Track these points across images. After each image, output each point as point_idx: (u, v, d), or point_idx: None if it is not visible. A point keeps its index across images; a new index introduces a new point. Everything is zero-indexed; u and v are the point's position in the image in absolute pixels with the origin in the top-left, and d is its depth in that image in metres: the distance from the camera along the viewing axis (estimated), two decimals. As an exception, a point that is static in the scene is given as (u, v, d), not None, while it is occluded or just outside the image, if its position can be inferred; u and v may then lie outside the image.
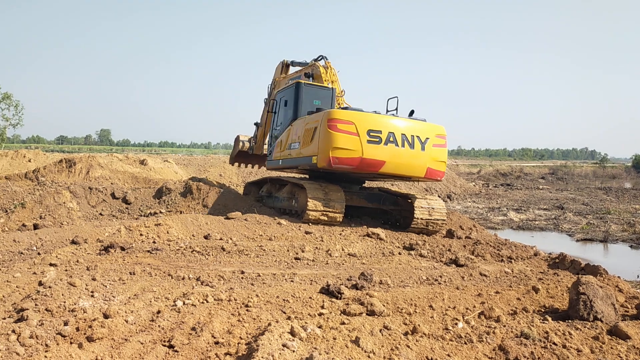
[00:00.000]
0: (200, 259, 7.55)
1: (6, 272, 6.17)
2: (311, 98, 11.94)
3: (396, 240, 9.96)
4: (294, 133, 11.51)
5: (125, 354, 4.11)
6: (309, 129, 10.76)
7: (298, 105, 11.83)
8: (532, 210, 20.11)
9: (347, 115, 10.15)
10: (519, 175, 40.14)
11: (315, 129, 10.43)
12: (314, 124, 10.62)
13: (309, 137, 10.65)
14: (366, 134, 10.12)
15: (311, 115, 11.07)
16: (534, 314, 5.62)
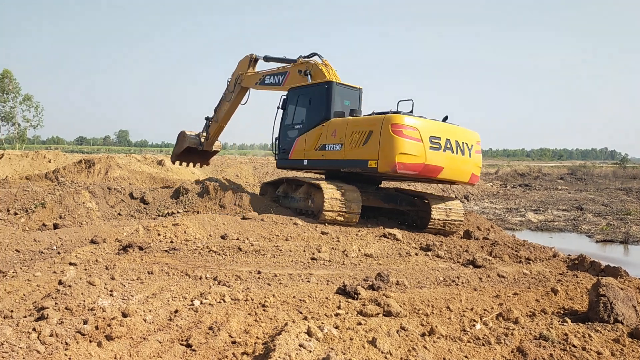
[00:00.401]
0: (217, 259, 7.59)
1: (27, 271, 6.26)
2: (342, 98, 11.83)
3: (413, 240, 9.92)
4: (330, 134, 11.26)
5: (143, 352, 4.15)
6: (361, 132, 10.60)
7: (330, 105, 11.56)
8: (551, 211, 19.88)
9: (411, 121, 10.24)
10: (537, 176, 39.70)
11: (371, 132, 10.37)
12: (367, 127, 10.51)
13: (361, 140, 10.55)
14: (429, 140, 10.27)
15: (360, 118, 11.00)
16: (552, 315, 5.56)
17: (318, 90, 11.95)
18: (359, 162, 10.65)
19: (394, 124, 10.13)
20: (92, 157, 18.58)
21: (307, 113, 12.21)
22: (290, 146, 12.50)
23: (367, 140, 10.47)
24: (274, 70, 13.89)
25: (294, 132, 12.52)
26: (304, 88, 12.45)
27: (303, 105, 12.42)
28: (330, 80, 11.69)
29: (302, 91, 12.49)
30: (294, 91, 12.69)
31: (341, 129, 11.11)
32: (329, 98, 11.61)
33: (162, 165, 21.67)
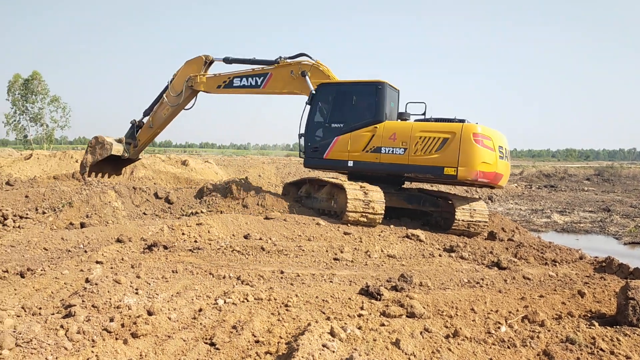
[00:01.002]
0: (240, 259, 7.64)
1: (55, 269, 6.38)
2: (389, 100, 11.68)
3: (436, 241, 9.85)
4: (388, 137, 11.02)
5: (168, 350, 4.20)
6: (432, 138, 10.57)
7: (382, 106, 11.31)
8: (577, 213, 19.55)
9: (486, 130, 10.53)
10: (562, 177, 39.05)
11: (446, 139, 10.43)
12: (440, 134, 10.52)
13: (433, 146, 10.53)
14: (497, 149, 10.63)
15: (428, 123, 10.91)
16: (579, 318, 5.47)
17: (366, 89, 11.58)
18: (430, 168, 10.57)
19: (475, 133, 10.32)
20: (118, 158, 18.83)
21: (351, 112, 11.67)
22: (326, 145, 11.87)
23: (441, 147, 10.48)
24: (247, 72, 13.11)
25: (331, 131, 11.87)
26: (344, 85, 11.91)
27: (343, 104, 11.84)
28: (383, 82, 11.38)
29: (342, 88, 11.92)
30: (328, 87, 12.00)
31: (403, 133, 10.91)
32: (380, 99, 11.31)
33: (185, 166, 21.89)
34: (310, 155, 12.18)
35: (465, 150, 10.27)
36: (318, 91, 12.01)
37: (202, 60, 13.66)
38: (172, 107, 13.87)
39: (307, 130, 12.21)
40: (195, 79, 13.62)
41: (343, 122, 11.68)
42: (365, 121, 11.41)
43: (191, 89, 13.74)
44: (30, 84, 56.42)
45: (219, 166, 27.65)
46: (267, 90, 12.83)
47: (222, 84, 13.43)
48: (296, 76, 12.31)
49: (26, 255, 7.43)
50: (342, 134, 11.63)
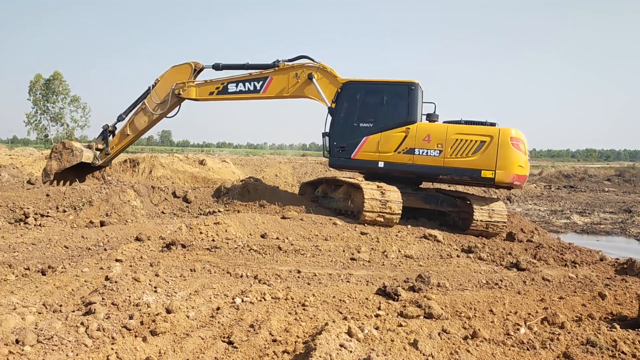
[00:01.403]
0: (257, 258, 7.67)
1: (75, 267, 6.47)
2: (420, 100, 11.59)
3: (454, 242, 9.79)
4: (422, 138, 10.96)
5: (186, 348, 4.23)
6: (468, 141, 10.67)
7: (415, 107, 11.24)
8: (597, 214, 19.28)
9: (519, 134, 10.77)
10: (582, 177, 38.56)
11: (483, 142, 10.59)
12: (477, 137, 10.65)
13: (469, 149, 10.65)
14: (527, 152, 10.92)
15: (464, 126, 10.92)
16: (600, 321, 5.39)
17: (399, 89, 11.42)
18: (467, 170, 10.69)
19: (512, 137, 10.57)
20: (137, 157, 19.04)
21: (381, 112, 11.47)
22: (354, 145, 11.56)
23: (478, 150, 10.62)
24: (244, 76, 12.57)
25: (359, 130, 11.55)
26: (374, 84, 11.70)
27: (373, 103, 11.61)
28: (415, 82, 11.29)
29: (371, 87, 11.71)
30: (355, 85, 11.76)
31: (438, 135, 10.89)
32: (414, 100, 11.23)
33: (203, 165, 22.00)
34: (337, 155, 11.82)
35: (503, 154, 10.51)
36: (344, 89, 11.75)
37: (191, 68, 12.91)
38: (155, 115, 13.03)
39: (333, 129, 11.85)
40: (183, 86, 12.81)
41: (373, 122, 11.45)
42: (397, 121, 11.26)
43: (178, 97, 12.92)
44: (51, 84, 57.20)
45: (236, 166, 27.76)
46: (268, 95, 12.45)
47: (215, 90, 12.79)
48: (302, 79, 12.07)
49: (47, 253, 7.54)
50: (372, 133, 11.40)
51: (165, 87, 12.96)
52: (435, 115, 11.51)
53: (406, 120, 11.20)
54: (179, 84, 12.81)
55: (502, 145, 10.49)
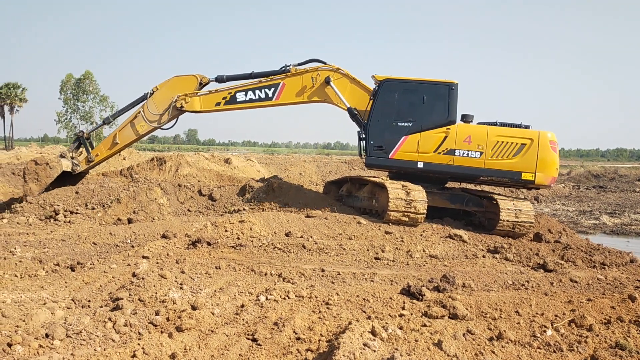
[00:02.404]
0: (281, 256, 7.70)
1: (103, 263, 6.59)
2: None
3: (480, 242, 9.68)
4: (463, 140, 10.97)
5: (211, 345, 4.27)
6: (509, 143, 10.86)
7: (455, 108, 11.22)
8: (628, 214, 18.86)
9: (554, 137, 11.02)
10: (612, 177, 37.70)
11: (523, 145, 10.84)
12: (517, 139, 10.87)
13: (510, 151, 10.86)
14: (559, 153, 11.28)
15: (504, 128, 11.07)
16: (630, 324, 5.27)
17: (439, 89, 11.32)
18: (507, 172, 10.89)
19: (551, 141, 10.89)
20: (164, 155, 19.28)
21: (421, 112, 11.32)
22: (392, 144, 11.33)
23: (518, 152, 10.85)
24: (253, 84, 12.08)
25: (397, 130, 11.33)
26: (413, 83, 11.53)
27: (412, 102, 11.45)
28: (454, 82, 11.23)
29: (411, 86, 11.52)
30: (394, 84, 11.51)
31: (479, 136, 10.96)
32: (453, 100, 11.20)
33: (228, 163, 22.19)
34: (374, 154, 11.51)
35: (543, 157, 10.80)
36: (382, 87, 11.53)
37: (196, 81, 12.26)
38: (151, 125, 12.22)
39: (370, 128, 11.53)
40: (185, 98, 12.07)
41: (412, 121, 11.29)
42: (437, 122, 11.17)
43: (179, 110, 12.20)
44: (82, 83, 58.36)
45: (261, 164, 27.93)
46: (282, 102, 12.07)
47: (222, 100, 12.18)
48: (318, 83, 11.82)
49: (76, 250, 7.69)
50: (411, 133, 11.24)
51: (165, 98, 12.17)
52: (470, 116, 11.40)
53: (446, 120, 11.14)
54: (180, 96, 12.05)
55: (542, 148, 10.78)
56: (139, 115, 12.24)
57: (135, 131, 12.33)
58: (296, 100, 12.14)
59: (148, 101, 12.23)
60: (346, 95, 11.75)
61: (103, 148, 12.52)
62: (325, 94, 11.90)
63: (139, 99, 12.40)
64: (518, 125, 11.19)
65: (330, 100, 11.91)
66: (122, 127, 12.43)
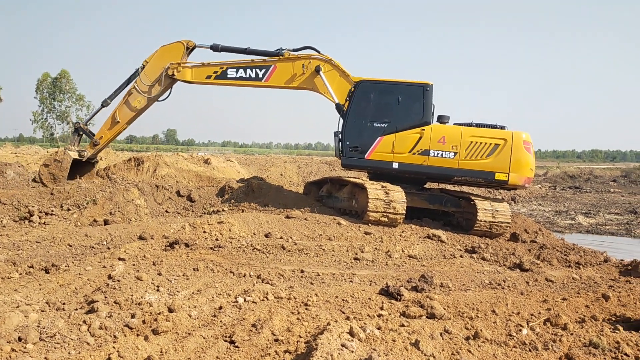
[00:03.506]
0: (260, 257, 7.67)
1: (78, 265, 6.49)
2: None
3: (458, 242, 9.77)
4: (437, 140, 11.01)
5: (188, 347, 4.23)
6: (483, 144, 10.88)
7: (430, 108, 11.26)
8: (603, 215, 19.21)
9: (529, 137, 11.08)
10: (588, 178, 38.39)
11: (497, 145, 10.87)
12: (491, 140, 10.90)
13: (484, 152, 10.88)
14: (535, 154, 11.32)
15: (479, 129, 11.10)
16: (603, 322, 5.37)
17: (414, 90, 11.37)
18: (481, 173, 10.92)
19: (525, 141, 10.92)
20: (141, 156, 19.05)
21: (396, 112, 11.39)
22: (368, 145, 11.43)
23: (492, 153, 10.88)
24: (245, 62, 12.20)
25: (373, 130, 11.42)
26: (388, 84, 11.60)
27: (387, 103, 11.54)
28: (429, 84, 11.26)
29: (386, 87, 11.61)
30: (369, 85, 11.61)
31: (453, 137, 11.00)
32: (428, 101, 11.25)
33: (208, 164, 22.03)
34: (350, 155, 11.61)
35: (517, 157, 10.84)
36: (358, 88, 11.60)
37: (183, 47, 12.40)
38: (148, 98, 12.50)
39: (346, 128, 11.62)
40: (177, 67, 12.31)
41: (387, 122, 11.37)
42: (412, 122, 11.25)
43: (171, 78, 12.44)
44: (58, 82, 57.47)
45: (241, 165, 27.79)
46: (270, 84, 12.15)
47: (212, 74, 12.37)
48: (308, 71, 11.88)
49: (51, 251, 7.57)
50: (386, 134, 11.33)
51: (156, 69, 12.45)
52: (446, 117, 11.49)
53: (421, 121, 11.21)
54: (172, 64, 12.31)
55: (516, 149, 10.80)
56: (133, 90, 12.52)
57: (133, 107, 12.61)
58: (285, 85, 12.20)
59: (140, 75, 12.51)
60: (334, 87, 11.77)
61: (105, 129, 12.85)
62: (314, 83, 11.95)
63: (131, 76, 12.65)
64: (493, 125, 11.23)
65: (318, 90, 11.95)
66: (119, 106, 12.69)
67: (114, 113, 12.72)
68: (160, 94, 12.62)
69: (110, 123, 12.79)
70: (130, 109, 12.64)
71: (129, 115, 12.72)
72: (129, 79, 12.73)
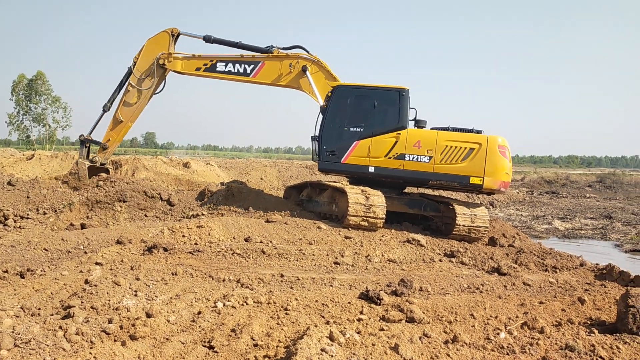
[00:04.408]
0: (240, 262, 7.64)
1: (54, 270, 6.39)
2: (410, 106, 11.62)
3: (437, 247, 9.83)
4: (412, 144, 11.04)
5: (166, 353, 4.19)
6: (458, 148, 10.89)
7: (406, 113, 11.30)
8: (579, 219, 19.52)
9: (505, 141, 11.11)
10: (564, 183, 38.98)
11: (472, 149, 10.86)
12: (466, 144, 10.90)
13: (459, 155, 10.88)
14: (511, 159, 11.29)
15: (454, 133, 11.12)
16: (579, 326, 5.45)
17: (390, 95, 11.44)
18: (456, 177, 10.92)
19: (500, 145, 10.92)
20: (120, 159, 18.88)
21: (372, 117, 11.45)
22: (344, 149, 11.46)
23: (467, 157, 10.88)
24: (234, 57, 12.36)
25: (349, 135, 11.48)
26: (365, 89, 11.68)
27: (363, 107, 11.60)
28: (405, 88, 11.33)
29: (362, 92, 11.67)
30: (346, 90, 11.67)
31: (428, 141, 11.04)
32: (404, 105, 11.29)
33: (187, 168, 21.88)
34: (327, 159, 11.66)
35: (492, 161, 10.83)
36: (334, 93, 11.66)
37: (168, 35, 12.65)
38: (147, 91, 12.73)
39: (323, 133, 11.70)
40: (168, 57, 12.58)
41: (363, 127, 11.42)
42: (388, 127, 11.31)
43: (163, 68, 12.69)
44: (34, 84, 56.56)
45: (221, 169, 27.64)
46: (258, 80, 12.29)
47: (202, 66, 12.57)
48: (295, 70, 11.99)
49: (26, 256, 7.44)
50: (362, 138, 11.38)
51: (147, 62, 12.69)
52: (423, 122, 11.59)
53: (397, 125, 11.27)
54: (163, 53, 12.57)
55: (490, 153, 10.78)
56: (130, 88, 12.77)
57: (133, 104, 12.84)
58: (272, 82, 12.33)
59: (134, 72, 12.76)
60: (319, 88, 11.87)
61: (110, 132, 13.06)
62: (300, 83, 12.06)
63: (125, 75, 12.91)
64: (470, 130, 11.27)
65: (305, 90, 12.05)
66: (119, 106, 12.88)
67: (116, 114, 12.91)
68: (156, 86, 12.84)
69: (114, 124, 12.99)
70: (131, 107, 12.83)
71: (131, 112, 12.89)
72: (123, 79, 12.91)
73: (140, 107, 13.00)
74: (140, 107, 13.02)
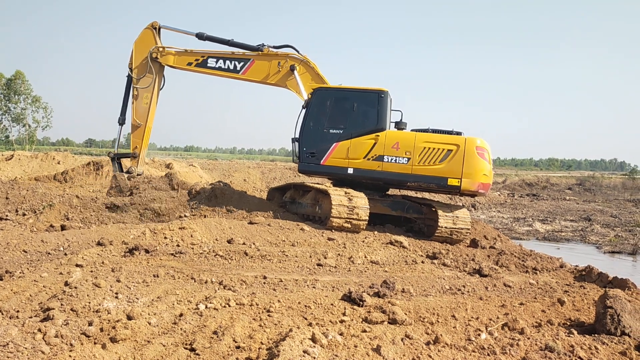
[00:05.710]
0: (223, 263, 7.60)
1: (34, 272, 6.30)
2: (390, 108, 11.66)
3: (419, 248, 9.89)
4: (391, 146, 11.09)
5: (147, 355, 4.16)
6: (435, 149, 10.90)
7: (385, 115, 11.33)
8: (559, 222, 19.75)
9: (484, 143, 11.10)
10: (545, 186, 39.42)
11: (450, 151, 10.85)
12: (444, 146, 10.90)
13: (436, 157, 10.89)
14: (491, 161, 11.30)
15: (432, 135, 11.12)
16: (559, 326, 5.52)
17: (369, 97, 11.49)
18: (434, 178, 10.93)
19: (478, 146, 10.89)
20: (101, 160, 18.70)
21: (351, 119, 11.50)
22: (324, 151, 11.55)
23: (445, 158, 10.88)
24: (225, 53, 12.52)
25: (328, 136, 11.54)
26: (344, 91, 11.73)
27: (342, 109, 11.62)
28: (384, 90, 11.39)
29: (342, 94, 11.74)
30: (326, 92, 11.74)
31: (407, 143, 11.07)
32: (383, 107, 11.33)
33: (170, 169, 21.75)
34: (307, 160, 11.76)
35: (469, 163, 10.82)
36: (315, 95, 11.71)
37: (151, 32, 12.81)
38: (153, 89, 12.84)
39: (303, 135, 11.80)
40: (160, 50, 12.70)
41: (342, 128, 11.49)
42: (367, 129, 11.36)
43: (157, 62, 12.79)
44: (13, 83, 55.78)
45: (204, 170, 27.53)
46: (247, 78, 12.39)
47: (193, 61, 12.69)
48: (284, 69, 12.07)
49: (5, 258, 7.32)
50: (342, 140, 11.45)
51: (141, 60, 12.84)
52: (403, 123, 11.66)
53: (376, 127, 11.31)
54: (154, 48, 12.68)
55: (468, 154, 10.77)
56: (136, 92, 12.87)
57: (144, 104, 12.92)
58: (260, 80, 12.40)
59: (134, 77, 12.87)
60: (307, 88, 11.93)
61: (134, 139, 13.18)
62: (289, 82, 12.14)
63: (127, 83, 13.00)
64: (449, 131, 11.29)
65: (292, 90, 12.12)
66: (133, 112, 12.98)
67: (133, 121, 13.02)
68: (158, 82, 12.95)
69: (134, 130, 13.10)
70: (143, 109, 12.93)
71: (145, 114, 12.94)
72: (127, 87, 13.02)
73: (152, 107, 13.05)
74: (153, 107, 13.07)
